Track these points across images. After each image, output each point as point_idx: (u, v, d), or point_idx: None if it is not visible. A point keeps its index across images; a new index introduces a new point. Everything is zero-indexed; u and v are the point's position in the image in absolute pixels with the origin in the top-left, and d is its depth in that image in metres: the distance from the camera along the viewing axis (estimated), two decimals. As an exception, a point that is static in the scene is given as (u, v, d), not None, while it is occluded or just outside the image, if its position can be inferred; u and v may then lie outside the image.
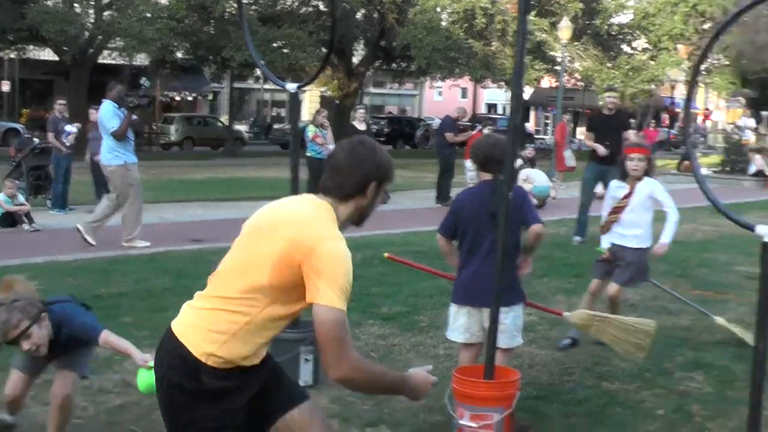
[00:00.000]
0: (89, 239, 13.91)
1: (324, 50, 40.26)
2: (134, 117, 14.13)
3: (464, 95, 73.97)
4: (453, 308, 6.49)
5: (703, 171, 29.73)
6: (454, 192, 21.17)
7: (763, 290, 4.64)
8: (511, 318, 6.21)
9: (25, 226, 16.10)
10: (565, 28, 37.28)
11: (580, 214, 15.64)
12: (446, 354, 7.97)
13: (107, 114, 13.97)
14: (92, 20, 39.81)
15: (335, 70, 47.51)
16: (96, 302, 9.75)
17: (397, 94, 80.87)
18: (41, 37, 38.11)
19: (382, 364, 7.60)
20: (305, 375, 6.97)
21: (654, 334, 6.90)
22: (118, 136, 13.73)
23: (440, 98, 79.83)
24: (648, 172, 8.41)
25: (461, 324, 6.36)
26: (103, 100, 14.25)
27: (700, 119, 72.89)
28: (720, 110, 77.87)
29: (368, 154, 3.97)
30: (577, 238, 15.38)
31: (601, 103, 14.56)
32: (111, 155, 13.99)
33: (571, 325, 6.97)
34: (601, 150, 14.70)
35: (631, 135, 15.08)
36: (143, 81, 15.47)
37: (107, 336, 5.60)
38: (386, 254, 7.34)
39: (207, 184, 23.98)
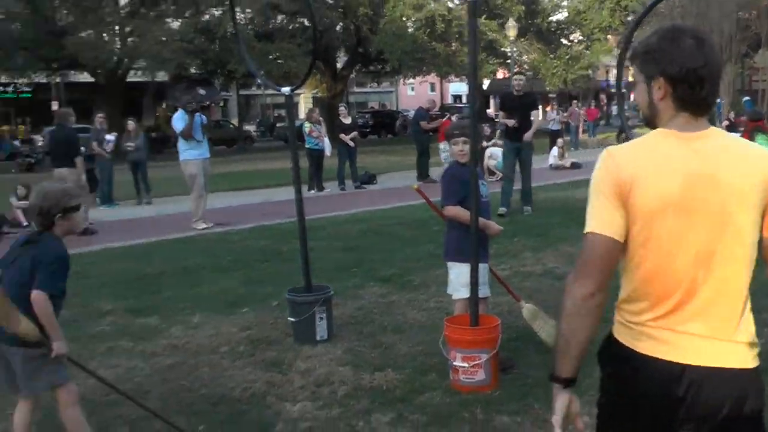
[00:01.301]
0: (203, 225, 14.10)
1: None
2: (203, 119, 14.12)
3: (433, 89, 73.79)
4: (461, 267, 6.10)
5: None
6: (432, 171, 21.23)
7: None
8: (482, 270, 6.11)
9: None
10: (511, 28, 37.38)
11: (504, 187, 14.39)
12: (437, 306, 7.97)
13: (175, 119, 14.23)
14: (118, 46, 39.78)
15: (323, 75, 47.64)
16: (142, 281, 9.81)
17: (376, 91, 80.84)
18: (79, 64, 38.14)
19: (383, 319, 7.63)
20: (321, 331, 6.94)
21: None
22: (184, 135, 13.88)
23: (413, 93, 79.81)
24: None
25: (467, 281, 5.93)
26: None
27: (632, 97, 72.99)
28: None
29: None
30: (503, 209, 13.92)
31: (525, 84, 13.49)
32: (181, 152, 14.19)
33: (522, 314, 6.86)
34: (511, 122, 14.00)
35: (536, 116, 14.37)
36: (200, 90, 15.47)
37: (41, 297, 4.41)
38: (415, 186, 7.16)
39: (225, 177, 23.88)
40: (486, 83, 61.40)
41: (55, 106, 50.86)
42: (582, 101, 53.27)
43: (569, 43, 50.94)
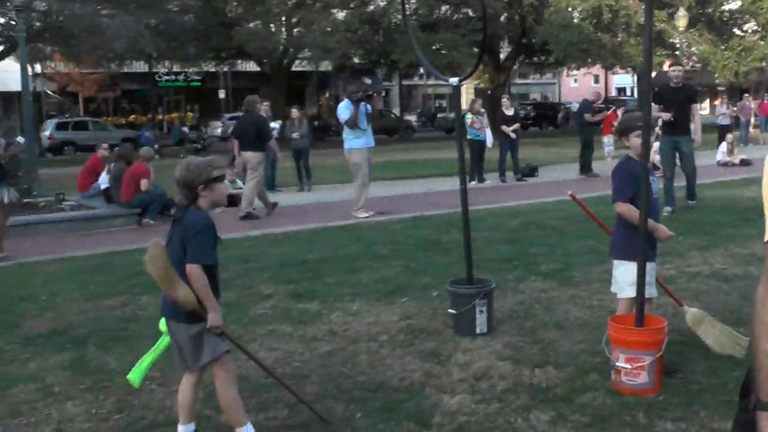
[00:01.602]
0: (365, 214, 14.24)
1: (475, 49, 40.28)
2: (368, 108, 14.22)
3: (597, 81, 72.25)
4: (628, 265, 5.88)
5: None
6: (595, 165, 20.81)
7: None
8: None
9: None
10: (681, 17, 36.20)
11: (666, 185, 13.12)
12: (600, 304, 7.75)
13: (340, 109, 14.50)
14: (284, 37, 40.66)
15: (486, 66, 47.32)
16: (303, 266, 9.92)
17: (538, 83, 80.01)
18: (246, 53, 39.24)
19: (544, 314, 7.46)
20: (481, 325, 6.82)
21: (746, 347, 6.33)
22: (349, 124, 14.11)
23: (576, 84, 78.63)
24: None
25: (633, 280, 5.68)
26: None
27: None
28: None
29: None
30: (668, 209, 13.00)
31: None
32: (346, 141, 14.43)
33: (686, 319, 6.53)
34: (666, 115, 13.07)
35: (696, 110, 13.38)
36: (365, 79, 15.63)
37: (193, 269, 4.51)
38: (569, 192, 7.03)
39: (386, 166, 24.02)
40: (652, 75, 59.69)
41: (222, 94, 52.70)
42: (754, 95, 51.10)
43: (742, 34, 48.87)
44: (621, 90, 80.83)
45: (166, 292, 4.53)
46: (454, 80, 7.23)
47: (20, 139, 17.35)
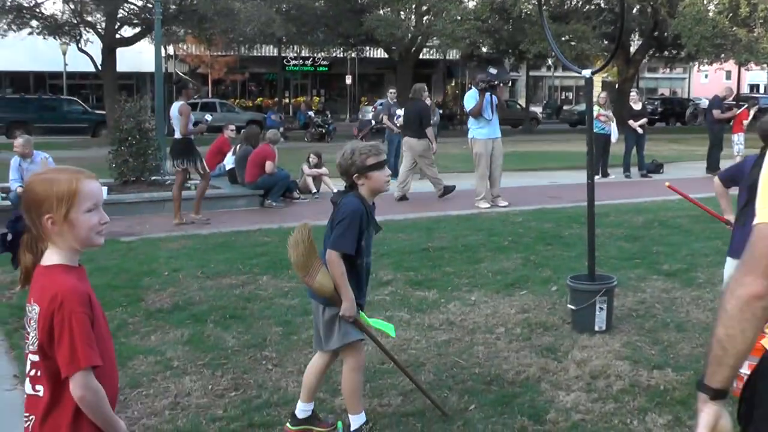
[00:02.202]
0: (486, 204, 14.28)
1: (605, 42, 39.65)
2: (494, 99, 14.24)
3: (728, 77, 70.17)
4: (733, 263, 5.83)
5: None
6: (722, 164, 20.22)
7: None
8: None
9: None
10: (823, 13, 34.81)
11: None
12: (723, 305, 7.54)
13: (466, 98, 14.70)
14: (414, 24, 40.73)
15: (616, 59, 46.38)
16: (423, 254, 9.94)
17: (667, 77, 78.28)
18: (375, 40, 39.48)
19: (666, 315, 7.31)
20: (600, 322, 6.72)
21: None
22: (473, 114, 14.25)
23: (706, 80, 76.40)
24: None
25: None
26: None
27: None
28: None
29: None
30: None
31: None
32: (470, 130, 14.59)
33: None
34: None
35: None
36: (491, 69, 15.67)
37: (331, 255, 4.54)
38: (667, 184, 6.93)
39: (509, 157, 23.80)
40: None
41: (348, 80, 53.13)
42: None
43: None
44: (754, 87, 78.29)
45: (302, 279, 4.60)
46: (587, 72, 7.13)
47: (208, 117, 18.19)
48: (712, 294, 8.01)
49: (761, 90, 75.19)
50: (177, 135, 12.79)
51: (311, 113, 41.93)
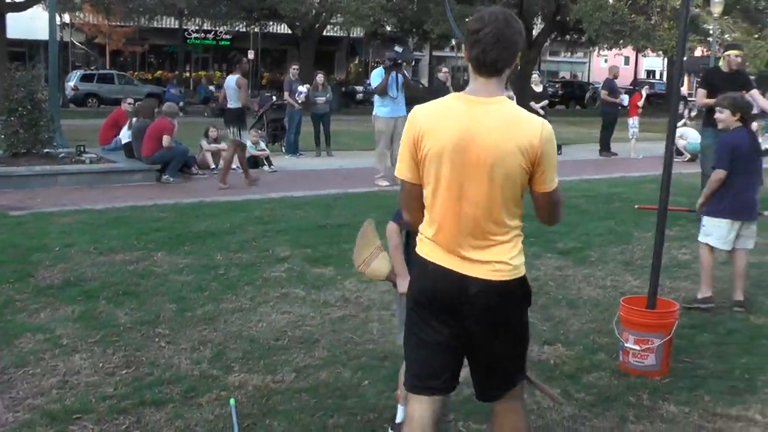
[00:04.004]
0: (386, 183, 14.20)
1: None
2: (400, 77, 14.35)
3: (627, 62, 71.61)
4: (727, 224, 7.00)
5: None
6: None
7: None
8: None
9: (266, 168, 16.47)
10: (717, 4, 35.81)
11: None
12: (613, 285, 7.77)
13: (372, 75, 14.93)
14: (318, 0, 40.49)
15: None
16: (321, 231, 9.94)
17: (568, 61, 79.38)
18: (278, 15, 39.13)
19: (558, 292, 7.46)
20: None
21: None
22: (378, 92, 14.39)
23: (605, 65, 77.87)
24: None
25: (733, 236, 7.03)
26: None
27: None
28: None
29: (514, 25, 3.35)
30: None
31: (721, 62, 10.70)
32: (375, 108, 14.67)
33: None
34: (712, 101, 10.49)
35: (757, 95, 11.13)
36: (396, 48, 15.81)
37: (389, 227, 4.50)
38: (637, 206, 7.36)
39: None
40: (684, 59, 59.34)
41: (251, 55, 52.56)
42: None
43: (777, 23, 48.31)
44: (650, 72, 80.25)
45: (357, 268, 4.68)
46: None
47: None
48: (604, 272, 8.24)
49: (657, 75, 77.19)
50: (232, 105, 13.94)
51: (212, 88, 41.42)
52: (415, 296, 3.46)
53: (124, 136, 16.25)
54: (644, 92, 22.57)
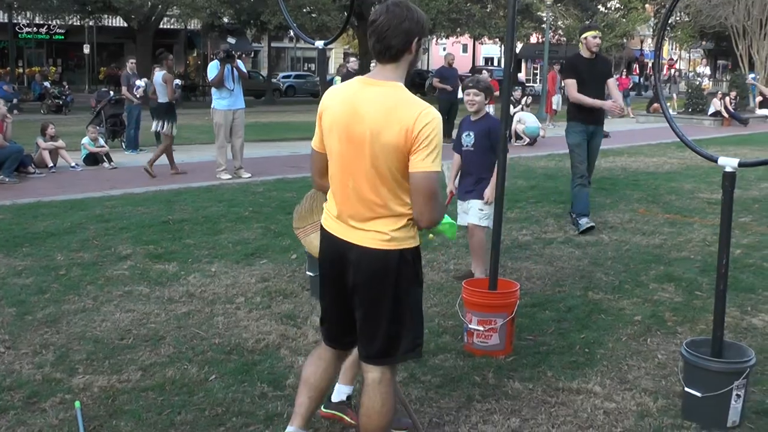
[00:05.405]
0: (227, 176, 14.21)
1: (345, 13, 40.16)
2: (233, 70, 14.14)
3: (465, 50, 73.03)
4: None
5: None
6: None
7: (724, 213, 4.57)
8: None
9: (105, 165, 16.10)
10: (550, -8, 37.01)
11: (576, 192, 9.87)
12: (456, 268, 7.93)
13: (209, 68, 14.63)
14: (153, -8, 39.74)
15: (356, 31, 47.25)
16: (163, 227, 9.81)
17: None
18: (113, 8, 38.14)
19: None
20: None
21: None
22: (214, 85, 14.27)
23: (444, 53, 79.13)
24: None
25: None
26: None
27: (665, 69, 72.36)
28: (682, 60, 76.88)
29: (406, 14, 3.52)
30: (585, 220, 9.69)
31: (580, 46, 9.87)
32: (213, 101, 14.52)
33: None
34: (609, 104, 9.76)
35: (612, 85, 10.10)
36: (229, 39, 15.77)
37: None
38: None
39: (252, 128, 23.78)
40: (518, 47, 61.01)
41: (86, 49, 51.11)
42: (614, 70, 52.64)
43: (606, 11, 50.35)
44: (488, 60, 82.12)
45: (295, 229, 4.91)
46: (319, 43, 7.21)
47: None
48: (447, 256, 8.41)
49: (495, 63, 79.03)
50: (161, 99, 15.20)
51: (47, 84, 40.00)
52: (318, 258, 3.89)
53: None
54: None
